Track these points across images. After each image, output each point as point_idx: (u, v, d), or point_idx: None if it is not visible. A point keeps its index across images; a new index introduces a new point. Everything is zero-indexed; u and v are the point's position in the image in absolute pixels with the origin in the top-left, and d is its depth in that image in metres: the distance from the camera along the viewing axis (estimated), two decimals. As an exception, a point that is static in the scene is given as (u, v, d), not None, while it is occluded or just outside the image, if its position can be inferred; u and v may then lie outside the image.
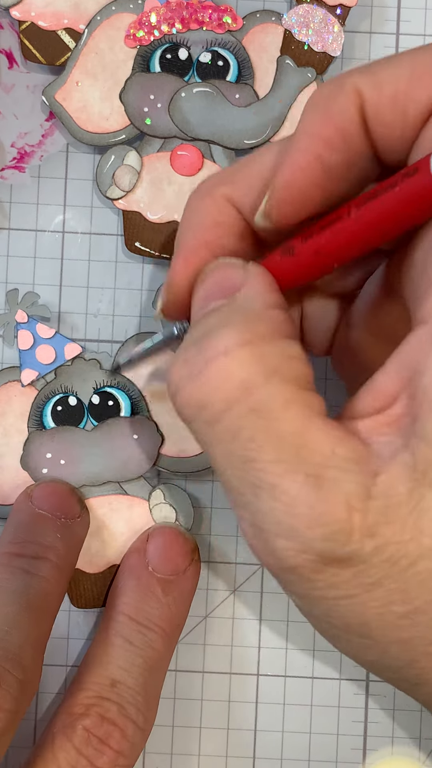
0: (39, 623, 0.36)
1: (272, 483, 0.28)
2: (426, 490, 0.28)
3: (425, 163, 0.27)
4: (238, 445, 0.28)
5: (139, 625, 0.38)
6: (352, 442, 0.28)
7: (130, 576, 0.39)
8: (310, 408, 0.28)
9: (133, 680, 0.37)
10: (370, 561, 0.28)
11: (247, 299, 0.31)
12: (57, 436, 0.40)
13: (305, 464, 0.28)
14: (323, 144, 0.30)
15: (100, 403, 0.40)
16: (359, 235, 0.29)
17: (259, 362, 0.28)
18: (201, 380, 0.29)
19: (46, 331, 0.40)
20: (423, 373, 0.27)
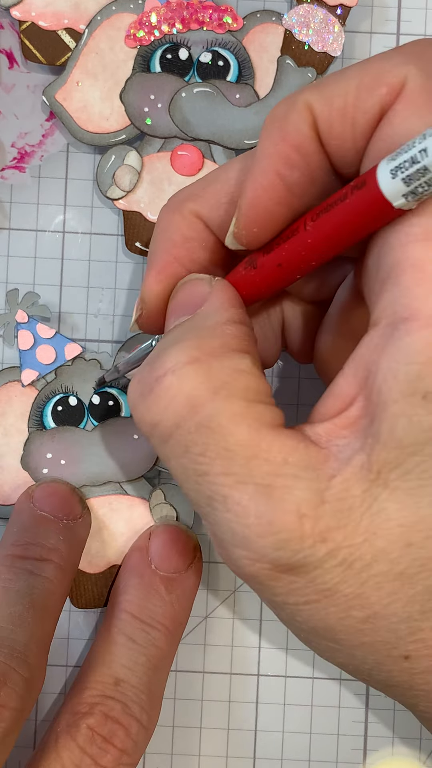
0: (43, 623, 0.36)
1: (224, 495, 0.29)
2: (380, 491, 0.28)
3: (371, 175, 0.27)
4: (190, 459, 0.29)
5: (142, 623, 0.38)
6: (306, 449, 0.28)
7: (132, 574, 0.39)
8: (258, 420, 0.29)
9: (136, 679, 0.37)
10: (324, 566, 0.28)
11: (205, 315, 0.31)
12: (57, 436, 0.40)
13: (255, 475, 0.28)
14: (282, 162, 0.30)
15: (101, 403, 0.40)
16: (316, 247, 0.30)
17: (206, 378, 0.29)
18: (151, 399, 0.30)
19: (46, 331, 0.40)
20: (376, 375, 0.28)
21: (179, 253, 0.33)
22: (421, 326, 0.27)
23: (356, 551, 0.28)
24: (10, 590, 0.35)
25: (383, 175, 0.27)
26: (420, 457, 0.27)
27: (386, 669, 0.30)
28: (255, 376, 0.30)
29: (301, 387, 0.42)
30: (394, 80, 0.28)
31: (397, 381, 0.27)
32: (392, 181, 0.27)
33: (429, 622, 0.28)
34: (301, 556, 0.28)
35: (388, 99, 0.29)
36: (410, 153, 0.27)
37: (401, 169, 0.27)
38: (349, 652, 0.30)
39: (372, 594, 0.28)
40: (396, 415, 0.27)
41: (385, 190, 0.27)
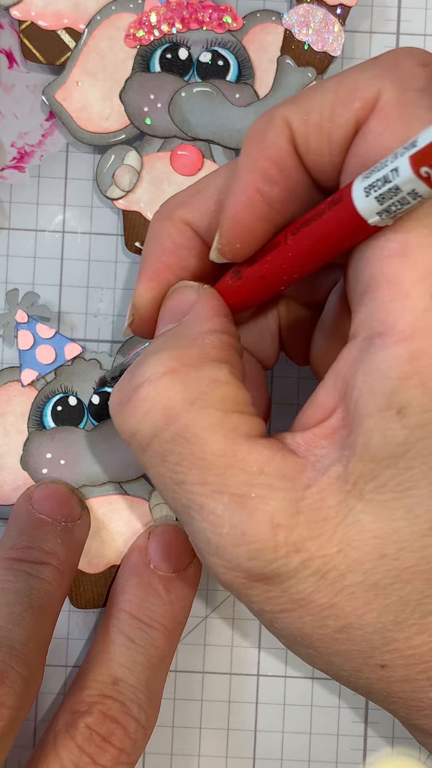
0: (42, 623, 0.36)
1: (200, 504, 0.29)
2: (355, 502, 0.28)
3: (347, 191, 0.28)
4: (167, 468, 0.30)
5: (141, 622, 0.38)
6: (283, 458, 0.29)
7: (131, 574, 0.39)
8: (235, 430, 0.29)
9: (135, 678, 0.37)
10: (298, 576, 0.28)
11: (187, 324, 0.32)
12: (57, 436, 0.40)
13: (230, 484, 0.29)
14: (261, 178, 0.30)
15: (100, 403, 0.40)
16: (297, 260, 0.30)
17: (182, 388, 0.29)
18: (129, 408, 0.30)
19: (46, 331, 0.40)
20: (353, 387, 0.28)
21: (170, 260, 0.34)
22: (395, 342, 0.27)
23: (330, 561, 0.28)
24: (8, 591, 0.35)
25: (357, 193, 0.27)
26: (394, 470, 0.28)
27: (364, 677, 0.30)
28: (232, 386, 0.30)
29: (300, 387, 0.42)
30: (368, 94, 0.28)
31: (372, 395, 0.27)
32: (366, 199, 0.27)
33: (403, 633, 0.29)
34: (274, 566, 0.28)
35: (362, 113, 0.29)
36: (382, 172, 0.27)
37: (374, 187, 0.27)
38: (327, 659, 0.30)
39: (346, 604, 0.28)
40: (371, 429, 0.27)
41: (360, 208, 0.27)
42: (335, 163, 0.30)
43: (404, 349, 0.27)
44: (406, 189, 0.26)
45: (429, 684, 0.29)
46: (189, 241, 0.33)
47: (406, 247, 0.27)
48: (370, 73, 0.29)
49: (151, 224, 0.34)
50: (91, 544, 0.40)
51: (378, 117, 0.28)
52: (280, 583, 0.29)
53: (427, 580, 0.28)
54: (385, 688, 0.30)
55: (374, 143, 0.28)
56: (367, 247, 0.28)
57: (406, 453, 0.27)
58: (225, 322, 0.32)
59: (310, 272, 0.30)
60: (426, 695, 0.29)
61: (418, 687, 0.29)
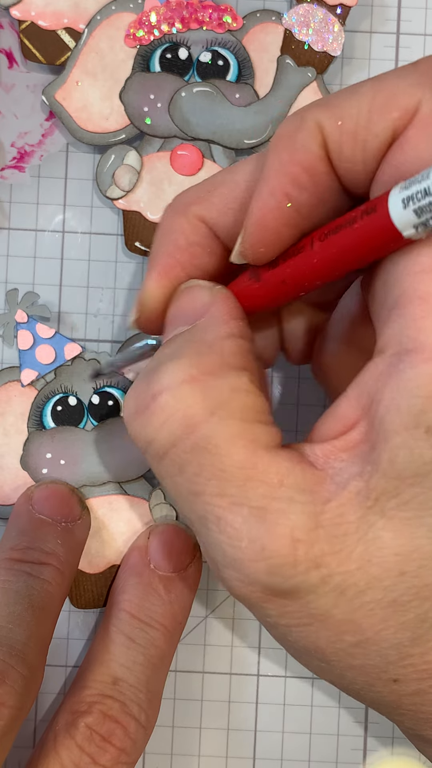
0: (42, 623, 0.36)
1: (218, 516, 0.28)
2: (376, 519, 0.28)
3: (383, 202, 0.27)
4: (184, 479, 0.29)
5: (141, 622, 0.38)
6: (302, 471, 0.28)
7: (131, 573, 0.39)
8: (255, 441, 0.29)
9: (135, 678, 0.37)
10: (317, 591, 0.28)
11: (204, 328, 0.31)
12: (57, 436, 0.40)
13: (249, 497, 0.28)
14: (290, 183, 0.30)
15: (100, 403, 0.40)
16: (322, 267, 0.30)
17: (202, 398, 0.29)
18: (146, 416, 0.29)
19: (46, 331, 0.40)
20: (379, 403, 0.27)
21: (182, 257, 0.33)
22: (425, 359, 0.27)
23: (350, 578, 0.28)
24: (9, 591, 0.35)
25: (395, 204, 0.27)
26: (419, 488, 0.27)
27: (375, 690, 0.30)
28: (253, 395, 0.29)
29: (300, 387, 0.42)
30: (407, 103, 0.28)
31: (400, 413, 0.27)
32: (403, 211, 0.26)
33: (419, 648, 0.28)
34: (294, 582, 0.28)
35: (400, 123, 0.28)
36: (423, 184, 0.26)
37: (413, 199, 0.26)
38: (340, 673, 0.30)
39: (364, 620, 0.28)
40: (398, 446, 0.27)
41: (396, 219, 0.27)
42: (368, 171, 0.29)
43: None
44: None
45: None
46: (203, 238, 0.33)
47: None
48: (409, 80, 0.28)
49: (164, 218, 0.34)
50: (92, 544, 0.40)
51: (417, 127, 0.28)
52: (299, 599, 0.28)
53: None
54: (395, 701, 0.30)
55: (412, 154, 0.28)
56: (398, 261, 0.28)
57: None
58: (242, 325, 0.31)
59: (332, 280, 0.30)
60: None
61: (428, 700, 0.29)
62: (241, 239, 0.31)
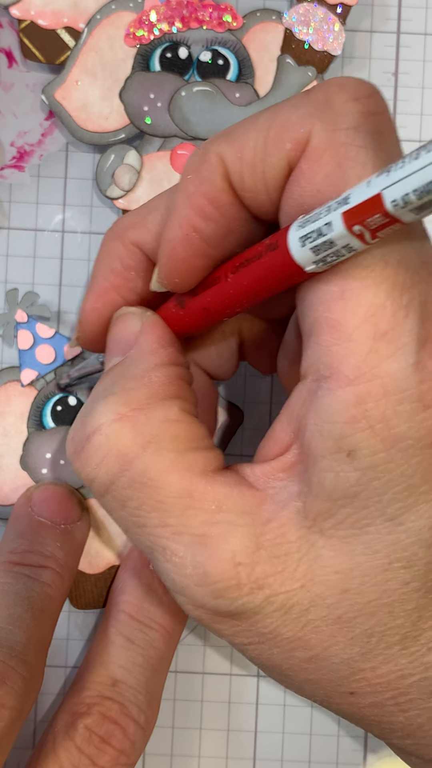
0: (42, 624, 0.36)
1: (162, 546, 0.29)
2: (316, 538, 0.28)
3: (283, 238, 0.27)
4: (127, 513, 0.30)
5: (140, 623, 0.38)
6: (242, 493, 0.29)
7: (131, 575, 0.39)
8: (191, 469, 0.29)
9: (134, 679, 0.37)
10: (262, 612, 0.29)
11: (133, 361, 0.32)
12: (57, 436, 0.40)
13: (190, 525, 0.29)
14: (197, 215, 0.30)
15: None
16: (237, 296, 0.30)
17: (133, 434, 0.30)
18: (84, 456, 0.30)
19: (45, 330, 0.40)
20: (305, 428, 0.28)
21: (117, 281, 0.34)
22: (340, 386, 0.27)
23: (293, 597, 0.28)
24: (8, 593, 0.35)
25: (293, 241, 0.27)
26: (350, 509, 0.28)
27: (335, 702, 0.30)
28: (184, 423, 0.30)
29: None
30: (298, 135, 0.28)
31: (323, 438, 0.27)
32: (302, 249, 0.27)
33: (369, 663, 0.29)
34: (239, 604, 0.29)
35: (293, 155, 0.28)
36: (317, 224, 0.26)
37: (309, 238, 0.27)
38: (299, 686, 0.30)
39: (312, 637, 0.29)
40: (324, 470, 0.28)
41: (296, 256, 0.27)
42: (272, 200, 0.29)
43: (350, 393, 0.27)
44: (340, 243, 0.26)
45: (398, 709, 0.29)
46: (138, 263, 0.33)
47: (345, 290, 0.27)
48: (300, 111, 0.28)
49: (102, 243, 0.34)
50: (91, 544, 0.40)
51: (309, 159, 0.28)
52: (246, 619, 0.29)
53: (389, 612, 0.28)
54: (356, 713, 0.30)
55: (308, 187, 0.28)
56: (308, 290, 0.28)
57: (360, 493, 0.27)
58: (171, 353, 0.32)
59: (251, 306, 0.30)
60: (396, 719, 0.30)
61: (387, 712, 0.30)
62: (157, 269, 0.31)
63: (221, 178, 0.30)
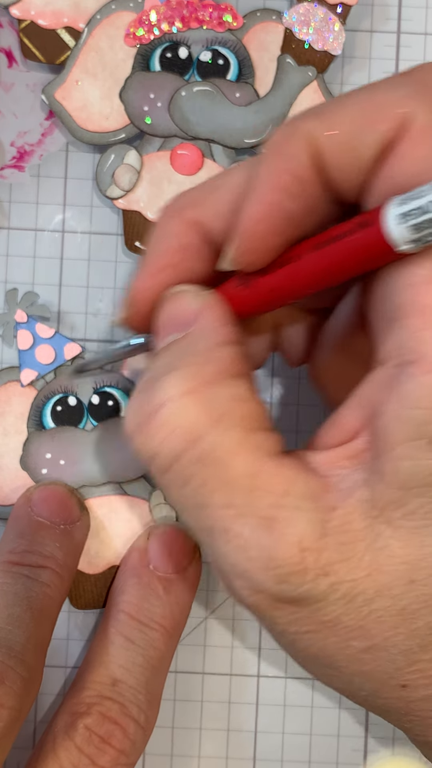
0: (41, 625, 0.36)
1: (225, 527, 0.29)
2: (383, 528, 0.28)
3: (378, 215, 0.27)
4: (190, 491, 0.29)
5: (140, 623, 0.38)
6: (307, 479, 0.28)
7: (131, 574, 0.39)
8: (259, 450, 0.29)
9: (134, 679, 0.37)
10: (327, 599, 0.28)
11: (197, 337, 0.31)
12: (57, 436, 0.40)
13: (256, 507, 0.28)
14: (281, 192, 0.30)
15: (100, 403, 0.40)
16: (313, 277, 0.30)
17: (203, 409, 0.29)
18: (148, 431, 0.29)
19: (45, 330, 0.40)
20: (382, 414, 0.28)
21: (175, 260, 0.33)
22: (426, 371, 0.27)
23: (359, 586, 0.28)
24: (8, 593, 0.35)
25: (391, 219, 0.27)
26: (425, 498, 0.27)
27: (383, 696, 0.30)
28: (253, 402, 0.30)
29: (300, 387, 0.41)
30: (398, 115, 0.28)
31: (403, 424, 0.27)
32: (399, 226, 0.27)
33: (428, 654, 0.28)
34: (303, 590, 0.28)
35: (391, 135, 0.28)
36: (420, 202, 0.26)
37: (410, 216, 0.26)
38: (348, 678, 0.30)
39: (373, 627, 0.28)
40: (401, 457, 0.27)
41: (392, 234, 0.27)
42: (361, 181, 0.29)
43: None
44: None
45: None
46: (196, 242, 0.33)
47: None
48: (400, 91, 0.28)
49: (159, 220, 0.34)
50: (91, 544, 0.40)
51: (410, 141, 0.27)
52: (308, 606, 0.28)
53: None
54: (403, 707, 0.30)
55: (406, 168, 0.27)
56: (395, 273, 0.28)
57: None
58: (234, 331, 0.31)
59: (323, 289, 0.30)
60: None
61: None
62: (231, 246, 0.31)
63: (309, 155, 0.29)
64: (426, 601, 0.28)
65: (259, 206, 0.30)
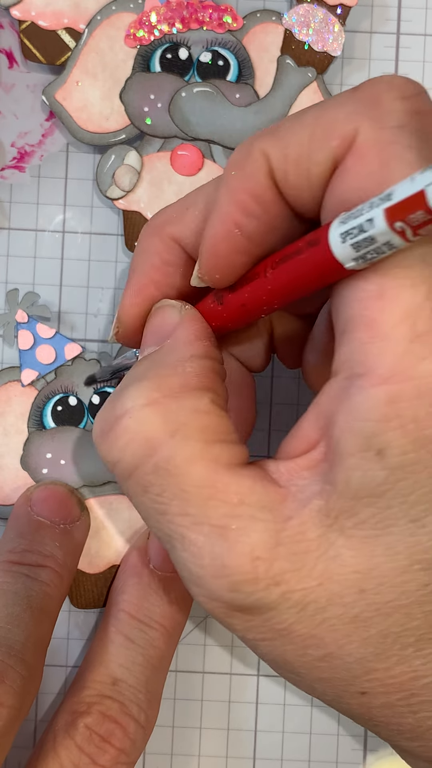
0: (41, 624, 0.36)
1: (181, 534, 0.29)
2: (336, 537, 0.28)
3: (324, 234, 0.27)
4: (149, 498, 0.30)
5: (140, 622, 0.38)
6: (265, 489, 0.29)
7: (131, 574, 0.39)
8: (216, 461, 0.29)
9: (134, 678, 0.37)
10: (278, 608, 0.28)
11: (169, 350, 0.31)
12: (57, 436, 0.40)
13: (210, 516, 0.29)
14: (240, 212, 0.30)
15: (101, 403, 0.40)
16: (276, 293, 0.30)
17: (162, 420, 0.29)
18: (111, 438, 0.30)
19: (46, 331, 0.40)
20: (334, 425, 0.28)
21: (156, 276, 0.34)
22: (374, 384, 0.27)
23: (310, 594, 0.28)
24: (7, 592, 0.36)
25: (334, 237, 0.27)
26: (374, 508, 0.28)
27: (345, 702, 0.30)
28: (214, 415, 0.30)
29: (300, 387, 0.42)
30: (344, 132, 0.28)
31: (353, 436, 0.27)
32: (342, 245, 0.27)
33: (383, 663, 0.29)
34: (254, 598, 0.28)
35: (339, 152, 0.28)
36: (358, 220, 0.26)
37: (350, 234, 0.26)
38: (309, 684, 0.30)
39: (327, 635, 0.28)
40: (351, 468, 0.27)
41: (336, 252, 0.27)
42: (315, 197, 0.29)
43: (383, 391, 0.27)
44: (381, 240, 0.26)
45: (408, 710, 0.29)
46: (176, 258, 0.33)
47: (384, 290, 0.27)
48: (347, 108, 0.28)
49: (140, 238, 0.34)
50: (92, 544, 0.40)
51: (355, 157, 0.28)
52: (261, 614, 0.29)
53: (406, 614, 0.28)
54: (366, 713, 0.30)
55: (352, 184, 0.28)
56: (346, 287, 0.28)
57: (386, 492, 0.27)
58: (207, 346, 0.32)
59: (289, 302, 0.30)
60: (405, 720, 0.30)
61: (397, 713, 0.29)
62: (197, 265, 0.31)
63: (265, 174, 0.29)
64: (377, 610, 0.28)
65: (219, 226, 0.30)
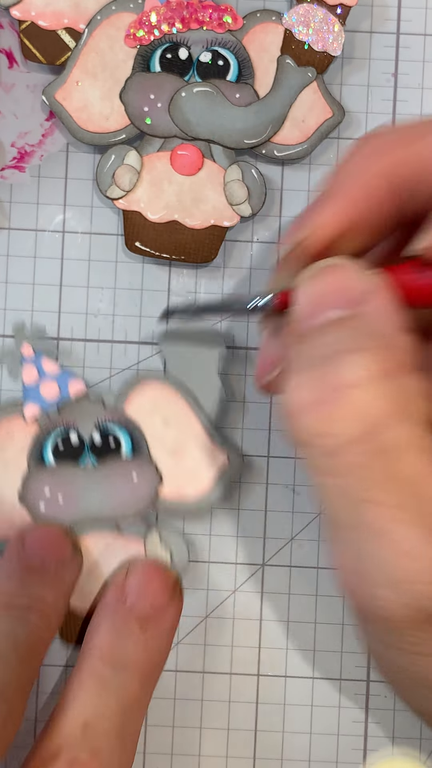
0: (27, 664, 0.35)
1: (385, 528, 0.26)
2: None
3: None
4: (354, 482, 0.27)
5: (114, 665, 0.36)
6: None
7: (106, 613, 0.38)
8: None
9: (107, 723, 0.35)
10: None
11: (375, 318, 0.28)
12: (56, 473, 0.39)
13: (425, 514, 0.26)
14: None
15: (102, 441, 0.40)
16: None
17: (392, 400, 0.27)
18: (326, 410, 0.27)
19: (50, 366, 0.40)
20: None
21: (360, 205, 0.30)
22: None
23: None
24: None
25: None
26: None
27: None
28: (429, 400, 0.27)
29: None
30: None
31: None
32: None
33: None
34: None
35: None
36: None
37: None
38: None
39: None
40: None
41: None
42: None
43: None
44: None
45: None
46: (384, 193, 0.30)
47: None
48: None
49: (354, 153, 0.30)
50: (84, 582, 0.39)
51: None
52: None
53: None
54: None
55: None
56: None
57: None
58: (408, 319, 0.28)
59: None
60: None
61: None
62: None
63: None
64: None
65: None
